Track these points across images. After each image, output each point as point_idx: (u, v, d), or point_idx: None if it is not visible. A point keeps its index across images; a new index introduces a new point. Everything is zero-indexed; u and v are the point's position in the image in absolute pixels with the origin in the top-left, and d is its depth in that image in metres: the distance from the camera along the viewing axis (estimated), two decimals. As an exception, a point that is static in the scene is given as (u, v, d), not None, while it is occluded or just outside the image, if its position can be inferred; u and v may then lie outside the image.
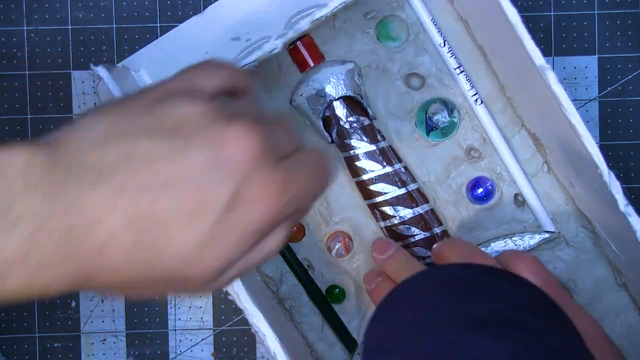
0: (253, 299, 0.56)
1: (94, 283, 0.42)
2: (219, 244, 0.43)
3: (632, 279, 0.63)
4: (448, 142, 0.65)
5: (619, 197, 0.55)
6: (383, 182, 0.63)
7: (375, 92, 0.65)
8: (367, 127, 0.63)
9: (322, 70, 0.62)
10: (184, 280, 0.44)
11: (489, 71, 0.64)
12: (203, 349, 0.66)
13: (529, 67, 0.56)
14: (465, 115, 0.65)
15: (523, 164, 0.65)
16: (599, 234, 0.63)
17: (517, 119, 0.65)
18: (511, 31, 0.55)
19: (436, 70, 0.64)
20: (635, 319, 0.65)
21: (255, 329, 0.56)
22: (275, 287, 0.65)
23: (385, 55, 0.64)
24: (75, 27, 0.65)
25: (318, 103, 0.63)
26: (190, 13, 0.65)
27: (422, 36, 0.64)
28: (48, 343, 0.65)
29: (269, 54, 0.58)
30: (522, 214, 0.65)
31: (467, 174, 0.65)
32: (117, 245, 0.41)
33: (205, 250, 0.43)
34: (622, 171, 0.66)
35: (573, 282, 0.65)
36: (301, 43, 0.62)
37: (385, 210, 0.63)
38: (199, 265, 0.43)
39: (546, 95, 0.56)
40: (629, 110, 0.66)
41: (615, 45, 0.66)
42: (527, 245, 0.64)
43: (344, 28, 0.64)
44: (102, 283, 0.42)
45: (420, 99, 0.65)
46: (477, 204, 0.65)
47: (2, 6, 0.64)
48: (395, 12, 0.64)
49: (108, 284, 0.43)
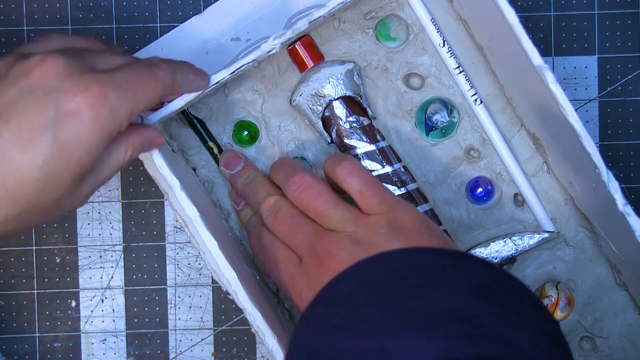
0: (252, 299, 0.56)
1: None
2: (61, 159, 0.48)
3: (631, 279, 0.63)
4: (448, 142, 0.65)
5: (617, 196, 0.55)
6: (383, 182, 0.63)
7: (374, 92, 0.65)
8: (366, 127, 0.63)
9: (322, 71, 0.63)
10: (39, 204, 0.48)
11: (488, 71, 0.64)
12: (203, 349, 0.66)
13: (527, 67, 0.56)
14: (464, 115, 0.65)
15: (523, 163, 0.65)
16: (598, 233, 0.63)
17: (516, 119, 0.65)
18: (509, 32, 0.55)
19: (436, 70, 0.64)
20: (635, 318, 0.65)
21: (255, 329, 0.56)
22: (275, 287, 0.65)
23: (385, 55, 0.64)
24: (75, 27, 0.65)
25: (317, 103, 0.63)
26: (190, 13, 0.65)
27: (422, 36, 0.64)
28: (48, 343, 0.65)
29: (267, 55, 0.58)
30: (522, 213, 0.65)
31: (467, 173, 0.65)
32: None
33: (51, 172, 0.48)
34: (621, 171, 0.66)
35: (573, 281, 0.65)
36: (300, 43, 0.62)
37: (384, 210, 0.63)
38: (52, 187, 0.48)
39: (545, 95, 0.56)
40: (629, 110, 0.66)
41: (615, 45, 0.66)
42: (527, 245, 0.64)
43: (344, 28, 0.64)
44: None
45: (420, 98, 0.65)
46: (477, 204, 0.65)
47: (2, 6, 0.65)
48: (394, 12, 0.64)
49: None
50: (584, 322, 0.65)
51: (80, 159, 0.49)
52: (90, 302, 0.65)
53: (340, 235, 0.57)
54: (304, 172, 0.59)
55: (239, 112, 0.64)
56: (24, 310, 0.65)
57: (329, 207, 0.57)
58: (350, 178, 0.58)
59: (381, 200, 0.57)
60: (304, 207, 0.58)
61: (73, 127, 0.48)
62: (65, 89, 0.48)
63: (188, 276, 0.65)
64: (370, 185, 0.58)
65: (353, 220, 0.57)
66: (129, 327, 0.66)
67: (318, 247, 0.57)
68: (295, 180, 0.58)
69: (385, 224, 0.56)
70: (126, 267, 0.65)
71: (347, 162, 0.58)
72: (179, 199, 0.56)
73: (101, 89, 0.49)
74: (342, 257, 0.55)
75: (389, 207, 0.57)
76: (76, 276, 0.65)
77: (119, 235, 0.65)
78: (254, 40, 0.64)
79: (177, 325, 0.66)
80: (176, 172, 0.57)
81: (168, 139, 0.63)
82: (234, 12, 0.64)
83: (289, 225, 0.59)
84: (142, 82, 0.51)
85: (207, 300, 0.65)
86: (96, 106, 0.49)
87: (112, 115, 0.49)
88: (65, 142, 0.48)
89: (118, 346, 0.66)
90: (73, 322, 0.65)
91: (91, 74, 0.50)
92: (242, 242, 0.65)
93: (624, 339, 0.65)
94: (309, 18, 0.58)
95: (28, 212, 0.49)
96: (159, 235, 0.65)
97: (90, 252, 0.65)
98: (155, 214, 0.65)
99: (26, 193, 0.48)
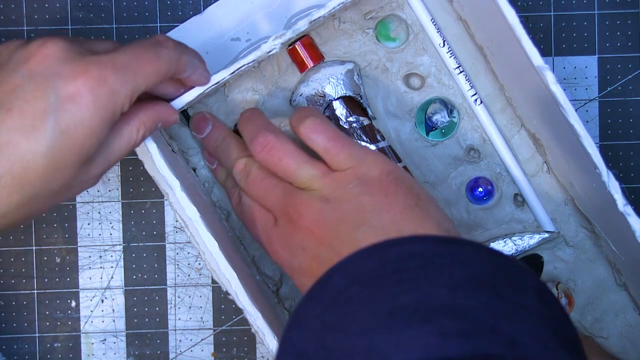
0: (252, 299, 0.56)
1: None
2: (64, 144, 0.49)
3: (631, 279, 0.63)
4: (448, 142, 0.65)
5: (617, 196, 0.55)
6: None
7: (374, 92, 0.65)
8: (366, 127, 0.63)
9: (322, 71, 0.63)
10: (47, 188, 0.50)
11: (488, 71, 0.64)
12: (203, 349, 0.66)
13: (527, 67, 0.56)
14: (464, 115, 0.65)
15: (523, 163, 0.65)
16: (598, 233, 0.63)
17: (516, 119, 0.65)
18: (510, 32, 0.55)
19: (436, 70, 0.64)
20: (635, 318, 0.65)
21: (255, 329, 0.56)
22: (275, 287, 0.65)
23: (385, 55, 0.64)
24: (75, 27, 0.65)
25: (318, 103, 0.63)
26: (190, 13, 0.65)
27: (422, 36, 0.64)
28: (48, 343, 0.65)
29: (267, 55, 0.58)
30: (522, 213, 0.65)
31: (467, 174, 0.65)
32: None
33: (56, 157, 0.49)
34: (622, 171, 0.66)
35: (573, 281, 0.65)
36: (300, 43, 0.62)
37: (384, 210, 0.63)
38: (58, 171, 0.49)
39: (545, 95, 0.56)
40: (629, 110, 0.66)
41: (615, 45, 0.66)
42: (527, 245, 0.64)
43: (344, 28, 0.64)
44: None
45: (420, 99, 0.65)
46: (477, 204, 0.65)
47: (2, 6, 0.65)
48: (394, 12, 0.64)
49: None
50: (584, 322, 0.65)
51: (83, 142, 0.49)
52: (90, 302, 0.65)
53: (310, 193, 0.56)
54: (267, 131, 0.58)
55: (239, 112, 0.64)
56: (24, 310, 0.65)
57: (296, 167, 0.57)
58: (315, 135, 0.57)
59: (347, 155, 0.56)
60: (271, 168, 0.58)
61: (73, 111, 0.49)
62: (65, 72, 0.49)
63: (188, 276, 0.65)
64: (335, 141, 0.56)
65: (320, 178, 0.56)
66: (129, 327, 0.66)
67: (289, 207, 0.56)
68: (259, 142, 0.57)
69: (353, 178, 0.55)
70: (126, 267, 0.65)
71: (310, 120, 0.57)
72: (179, 199, 0.56)
73: (100, 71, 0.49)
74: (311, 216, 0.55)
75: (356, 160, 0.56)
76: (76, 276, 0.65)
77: (119, 235, 0.65)
78: (254, 40, 0.64)
79: (177, 325, 0.66)
80: (176, 172, 0.57)
81: (168, 139, 0.63)
82: (234, 12, 0.64)
83: (260, 188, 0.58)
84: (144, 62, 0.51)
85: (207, 300, 0.65)
86: (95, 89, 0.49)
87: (112, 97, 0.50)
88: (67, 127, 0.49)
89: (118, 346, 0.66)
90: (73, 322, 0.65)
91: (90, 57, 0.50)
92: (242, 242, 0.65)
93: (624, 339, 0.65)
94: (309, 18, 0.58)
95: (37, 197, 0.50)
96: (159, 235, 0.65)
97: (90, 252, 0.65)
98: (155, 214, 0.65)
99: (33, 179, 0.49)
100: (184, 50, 0.54)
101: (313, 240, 0.55)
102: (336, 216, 0.55)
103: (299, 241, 0.55)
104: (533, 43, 0.55)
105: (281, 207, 0.57)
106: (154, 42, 0.53)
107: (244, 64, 0.57)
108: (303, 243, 0.55)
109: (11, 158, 0.48)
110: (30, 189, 0.49)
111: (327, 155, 0.57)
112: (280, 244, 0.56)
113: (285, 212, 0.56)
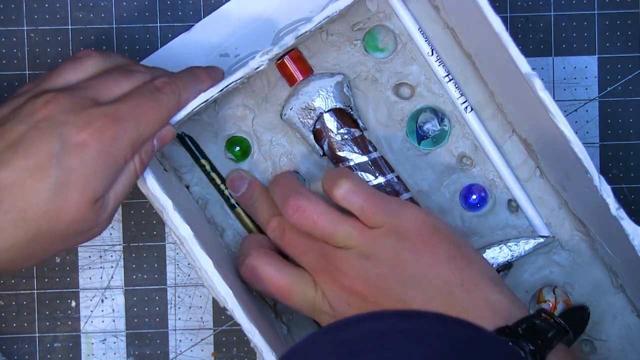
0: (249, 316, 0.56)
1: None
2: (69, 187, 0.51)
3: (628, 281, 0.63)
4: (440, 150, 0.65)
5: (609, 200, 0.55)
6: (376, 193, 0.63)
7: (365, 103, 0.65)
8: (358, 138, 0.63)
9: (311, 84, 0.63)
10: (52, 228, 0.51)
11: (477, 78, 0.64)
12: (203, 349, 0.66)
13: (516, 73, 0.56)
14: (455, 123, 0.65)
15: (515, 169, 0.65)
16: (593, 237, 0.63)
17: (507, 125, 0.64)
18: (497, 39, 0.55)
19: (425, 79, 0.64)
20: (633, 320, 0.65)
21: (254, 345, 0.56)
22: (273, 302, 0.65)
23: (374, 66, 0.64)
24: (75, 27, 0.65)
25: (308, 116, 0.63)
26: (190, 13, 0.65)
27: (410, 46, 0.64)
28: (48, 343, 0.65)
29: (255, 71, 0.58)
30: (516, 219, 0.65)
31: (460, 181, 0.65)
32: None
33: (60, 196, 0.51)
34: (622, 171, 0.66)
35: (570, 285, 0.65)
36: (289, 57, 0.62)
37: (379, 221, 0.63)
38: (63, 211, 0.51)
39: (534, 101, 0.56)
40: (629, 110, 0.66)
41: (615, 45, 0.66)
42: (523, 251, 0.64)
43: (332, 40, 0.64)
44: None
45: (410, 108, 0.65)
46: (471, 211, 0.65)
47: (2, 6, 0.65)
48: (382, 23, 0.64)
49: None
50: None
51: (86, 182, 0.51)
52: (90, 302, 0.65)
53: (348, 252, 0.57)
54: (297, 194, 0.58)
55: (230, 128, 0.64)
56: (24, 310, 0.65)
57: (331, 227, 0.58)
58: (349, 198, 0.58)
59: (384, 213, 0.57)
60: (305, 229, 0.58)
61: (78, 154, 0.51)
62: (70, 122, 0.52)
63: (188, 276, 0.65)
64: (370, 201, 0.58)
65: (358, 236, 0.57)
66: (129, 327, 0.66)
67: (329, 266, 0.57)
68: (290, 206, 0.58)
69: (391, 234, 0.57)
70: (126, 267, 0.65)
71: (342, 182, 0.58)
72: (172, 219, 0.56)
73: (105, 123, 0.52)
74: (353, 273, 0.57)
75: (391, 216, 0.57)
76: (76, 276, 0.65)
77: (119, 235, 0.65)
78: (243, 55, 0.64)
79: (177, 325, 0.66)
80: (169, 191, 0.57)
81: (160, 158, 0.63)
82: (222, 29, 0.64)
83: (295, 247, 0.59)
84: (144, 111, 0.54)
85: (207, 300, 0.66)
86: (100, 138, 0.52)
87: (115, 144, 0.52)
88: (71, 167, 0.51)
89: (118, 346, 0.66)
90: (73, 322, 0.66)
91: (94, 109, 0.53)
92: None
93: (623, 341, 0.65)
94: (295, 33, 0.58)
95: (42, 235, 0.52)
96: (159, 235, 0.65)
97: (90, 252, 0.65)
98: (155, 214, 0.65)
99: (36, 215, 0.51)
100: (182, 88, 0.56)
101: (357, 297, 0.56)
102: (379, 272, 0.56)
103: (344, 298, 0.57)
104: (519, 50, 0.55)
105: (320, 266, 0.58)
106: (153, 90, 0.55)
107: (232, 81, 0.58)
108: (348, 299, 0.57)
109: (16, 195, 0.50)
110: (34, 225, 0.51)
111: (363, 216, 0.58)
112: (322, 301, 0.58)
113: (324, 270, 0.57)
